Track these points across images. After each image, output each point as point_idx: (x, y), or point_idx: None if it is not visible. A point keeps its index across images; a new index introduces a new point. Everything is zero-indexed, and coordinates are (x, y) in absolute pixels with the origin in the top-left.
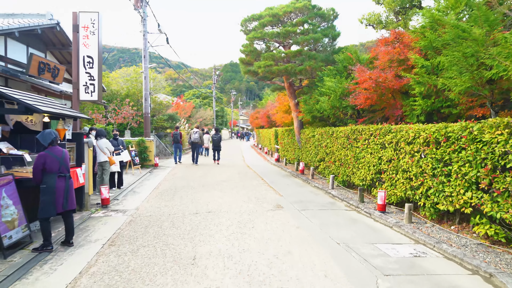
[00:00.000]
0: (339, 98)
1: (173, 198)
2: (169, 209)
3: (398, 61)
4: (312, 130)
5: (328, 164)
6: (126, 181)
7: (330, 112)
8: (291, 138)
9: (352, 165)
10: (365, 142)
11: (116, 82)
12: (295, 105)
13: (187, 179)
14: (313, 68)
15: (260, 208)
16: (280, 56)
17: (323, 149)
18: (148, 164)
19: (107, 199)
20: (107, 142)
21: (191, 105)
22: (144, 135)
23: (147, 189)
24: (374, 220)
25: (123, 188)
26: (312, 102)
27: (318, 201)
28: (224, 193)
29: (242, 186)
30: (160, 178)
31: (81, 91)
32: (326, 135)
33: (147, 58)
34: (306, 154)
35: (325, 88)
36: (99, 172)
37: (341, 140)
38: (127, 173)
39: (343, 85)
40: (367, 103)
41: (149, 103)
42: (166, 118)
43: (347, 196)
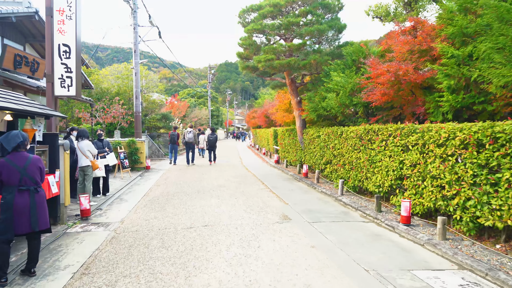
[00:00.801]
0: (349, 94)
1: (165, 208)
2: (159, 222)
3: (419, 51)
4: (317, 130)
5: (336, 167)
6: (113, 186)
7: (338, 110)
8: (292, 139)
9: (366, 169)
10: (382, 143)
11: (107, 79)
12: (298, 103)
13: (181, 184)
14: (318, 62)
15: (265, 219)
16: (282, 49)
17: (330, 150)
18: (139, 167)
19: (87, 210)
20: (89, 144)
21: (185, 105)
22: (135, 135)
23: (136, 196)
24: (399, 236)
25: (109, 195)
26: (317, 99)
27: (329, 210)
28: (222, 200)
29: (241, 192)
30: (152, 182)
31: (56, 85)
32: (334, 135)
33: (137, 53)
34: (310, 156)
35: (332, 84)
36: (81, 178)
37: (352, 141)
38: (115, 177)
39: (354, 80)
40: (383, 100)
41: (140, 101)
42: (159, 117)
43: (361, 204)
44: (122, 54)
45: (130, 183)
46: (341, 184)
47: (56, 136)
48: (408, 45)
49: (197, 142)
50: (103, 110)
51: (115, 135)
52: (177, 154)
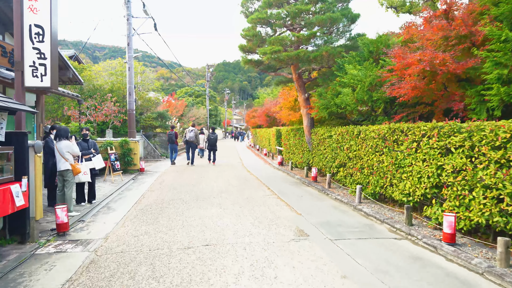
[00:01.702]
0: (367, 89)
1: (158, 219)
2: (151, 240)
3: (457, 37)
4: (328, 130)
5: (352, 171)
6: (102, 192)
7: (354, 107)
8: (298, 139)
9: (391, 174)
10: (412, 145)
11: (100, 76)
12: (305, 100)
13: (177, 189)
14: (330, 54)
15: (277, 236)
16: (290, 40)
17: (344, 152)
18: (133, 169)
19: (64, 224)
20: (69, 145)
21: (183, 104)
22: (128, 135)
23: (126, 204)
24: (446, 259)
25: (95, 203)
26: (329, 95)
27: (350, 222)
28: (224, 210)
29: (246, 199)
30: (145, 187)
31: (27, 74)
32: (349, 135)
33: (131, 46)
34: (319, 158)
35: (347, 78)
36: (60, 184)
37: (373, 142)
38: (105, 180)
39: (374, 73)
40: (412, 94)
41: (134, 98)
42: (155, 116)
43: (385, 215)
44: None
45: (121, 188)
46: (359, 190)
47: (25, 135)
48: (442, 31)
49: (198, 141)
50: (94, 108)
51: (107, 135)
52: (176, 153)
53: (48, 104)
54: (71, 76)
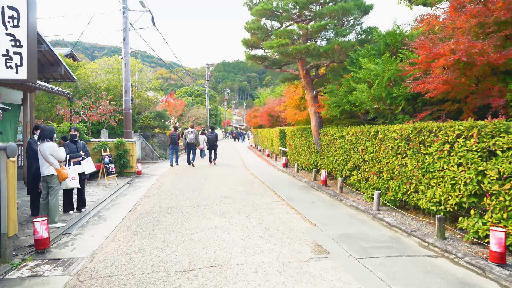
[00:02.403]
0: (386, 85)
1: (154, 232)
2: (145, 259)
3: (496, 23)
4: (339, 130)
5: (368, 175)
6: (94, 198)
7: (370, 104)
8: (305, 139)
9: (417, 179)
10: (444, 147)
11: (96, 73)
12: (313, 98)
13: (176, 195)
14: (342, 47)
15: (293, 254)
16: (298, 33)
17: (358, 154)
18: (129, 172)
19: (44, 239)
20: (53, 147)
21: (182, 103)
22: (124, 135)
23: (119, 213)
24: (498, 284)
25: (85, 211)
26: (341, 92)
27: (372, 235)
28: (229, 220)
29: (252, 206)
30: (142, 192)
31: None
32: (365, 136)
33: (127, 41)
34: (329, 160)
35: (362, 73)
36: (44, 192)
37: (394, 143)
38: (98, 185)
39: (394, 67)
40: (442, 89)
41: (130, 96)
42: (153, 116)
43: (411, 226)
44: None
45: (115, 193)
46: (377, 197)
47: None
48: (477, 17)
49: (198, 142)
50: (88, 107)
51: (102, 135)
52: (177, 154)
53: (41, 103)
54: (62, 72)
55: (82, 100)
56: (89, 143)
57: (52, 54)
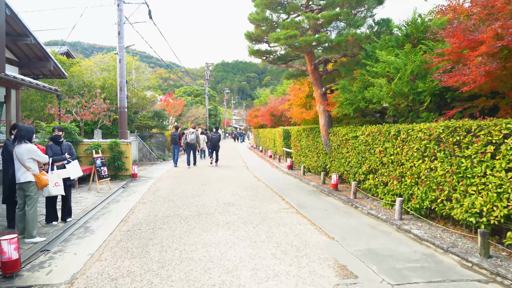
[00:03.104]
0: (408, 79)
1: (147, 249)
2: (135, 286)
3: None
4: (352, 129)
5: (386, 179)
6: (84, 204)
7: (389, 101)
8: (312, 140)
9: (450, 186)
10: (487, 149)
11: (91, 71)
12: (322, 95)
13: (174, 201)
14: (356, 39)
15: (314, 278)
16: (307, 23)
17: (374, 156)
18: (124, 175)
19: (13, 261)
20: (32, 150)
21: (181, 103)
22: (119, 135)
23: (109, 224)
24: None
25: (71, 222)
26: (355, 88)
27: (403, 252)
28: (234, 232)
29: (259, 215)
30: (136, 198)
31: None
32: (384, 136)
33: (122, 35)
34: (340, 162)
35: (380, 67)
36: (20, 201)
37: (420, 144)
38: (90, 189)
39: (418, 59)
40: (481, 81)
41: (125, 94)
42: (151, 115)
43: (444, 240)
44: None
45: (107, 200)
46: (400, 204)
47: None
48: None
49: (199, 143)
50: (81, 105)
51: (95, 136)
52: (178, 155)
53: (33, 102)
54: (52, 68)
55: (74, 98)
56: (81, 144)
57: (40, 48)
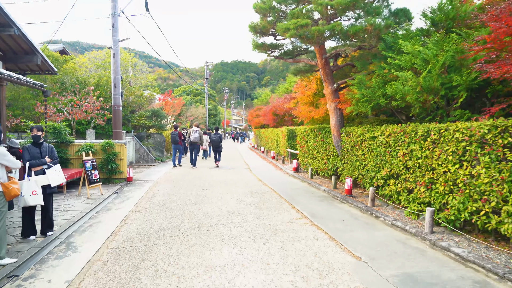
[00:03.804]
0: (439, 73)
1: (138, 275)
2: None
3: None
4: (369, 129)
5: (412, 185)
6: (69, 214)
7: (416, 97)
8: (321, 140)
9: (499, 196)
10: None
11: (85, 68)
12: (333, 92)
13: (172, 209)
14: (375, 28)
15: None
16: (320, 10)
17: (397, 160)
18: (118, 178)
19: None
20: (2, 153)
21: (181, 102)
22: (113, 136)
23: (95, 239)
24: None
25: (52, 236)
26: (374, 83)
27: (447, 277)
28: (241, 250)
29: (268, 227)
30: (130, 205)
31: None
32: (409, 136)
33: (116, 28)
34: (354, 165)
35: (404, 59)
36: None
37: (456, 146)
38: (79, 195)
39: (453, 48)
40: None
41: (120, 91)
42: (148, 114)
43: (490, 260)
44: None
45: (98, 207)
46: (431, 215)
47: None
48: None
49: (202, 142)
50: (73, 104)
51: (88, 136)
52: (181, 154)
53: (25, 100)
54: (39, 62)
55: (65, 96)
56: (72, 145)
57: (26, 41)
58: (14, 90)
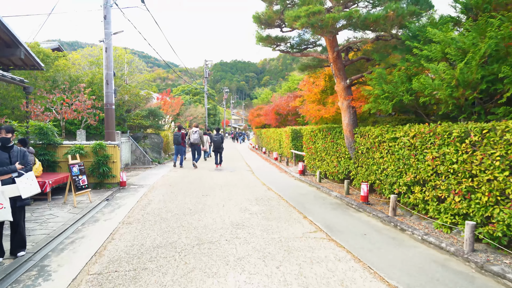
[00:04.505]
0: (481, 63)
1: None
2: None
3: None
4: (388, 129)
5: (445, 194)
6: (51, 226)
7: (448, 93)
8: (331, 142)
9: None
10: None
11: (79, 65)
12: (346, 88)
13: (167, 220)
14: (399, 15)
15: None
16: None
17: (425, 164)
18: (110, 183)
19: None
20: None
21: (179, 101)
22: (105, 136)
23: (75, 261)
24: None
25: (23, 257)
26: (397, 78)
27: None
28: (250, 278)
29: (279, 244)
30: (121, 215)
31: None
32: (440, 138)
33: (109, 20)
34: (370, 169)
35: (433, 50)
36: None
37: (504, 149)
38: (65, 203)
39: (499, 33)
40: None
41: (113, 88)
42: (145, 114)
43: None
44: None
45: (84, 218)
46: (471, 230)
47: None
48: None
49: (202, 143)
50: (62, 102)
51: (78, 137)
52: (182, 156)
53: (15, 99)
54: (22, 56)
55: (54, 93)
56: (60, 147)
57: (6, 31)
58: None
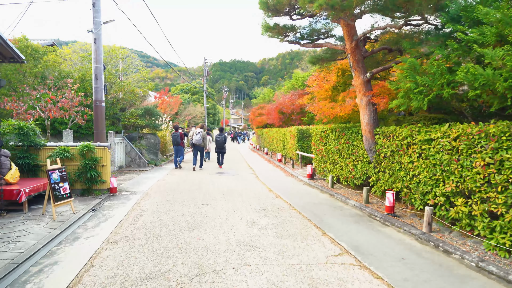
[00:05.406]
0: None
1: None
2: None
3: None
4: (420, 129)
5: (502, 209)
6: (20, 246)
7: (508, 85)
8: (346, 143)
9: None
10: None
11: (70, 60)
12: (365, 83)
13: (161, 238)
14: None
15: None
16: None
17: (471, 172)
18: (99, 189)
19: None
20: None
21: (178, 100)
22: (94, 138)
23: None
24: None
25: None
26: (434, 69)
27: None
28: None
29: (301, 277)
30: (106, 231)
31: None
32: (495, 140)
33: (98, 8)
34: (396, 175)
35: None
36: None
37: None
38: (43, 215)
39: None
40: None
41: (102, 84)
42: (141, 113)
43: None
44: None
45: (62, 235)
46: None
47: None
48: None
49: (205, 144)
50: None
51: (64, 138)
52: (182, 156)
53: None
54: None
55: (37, 90)
56: (43, 149)
57: None
58: None
